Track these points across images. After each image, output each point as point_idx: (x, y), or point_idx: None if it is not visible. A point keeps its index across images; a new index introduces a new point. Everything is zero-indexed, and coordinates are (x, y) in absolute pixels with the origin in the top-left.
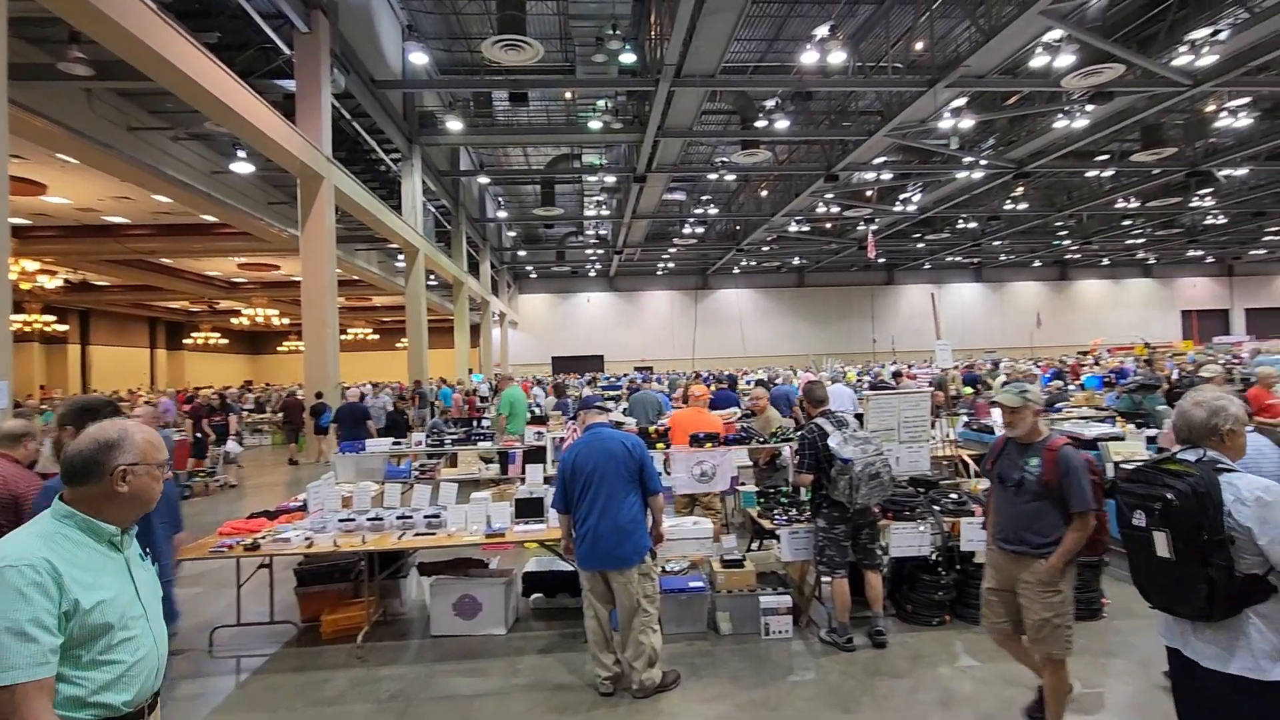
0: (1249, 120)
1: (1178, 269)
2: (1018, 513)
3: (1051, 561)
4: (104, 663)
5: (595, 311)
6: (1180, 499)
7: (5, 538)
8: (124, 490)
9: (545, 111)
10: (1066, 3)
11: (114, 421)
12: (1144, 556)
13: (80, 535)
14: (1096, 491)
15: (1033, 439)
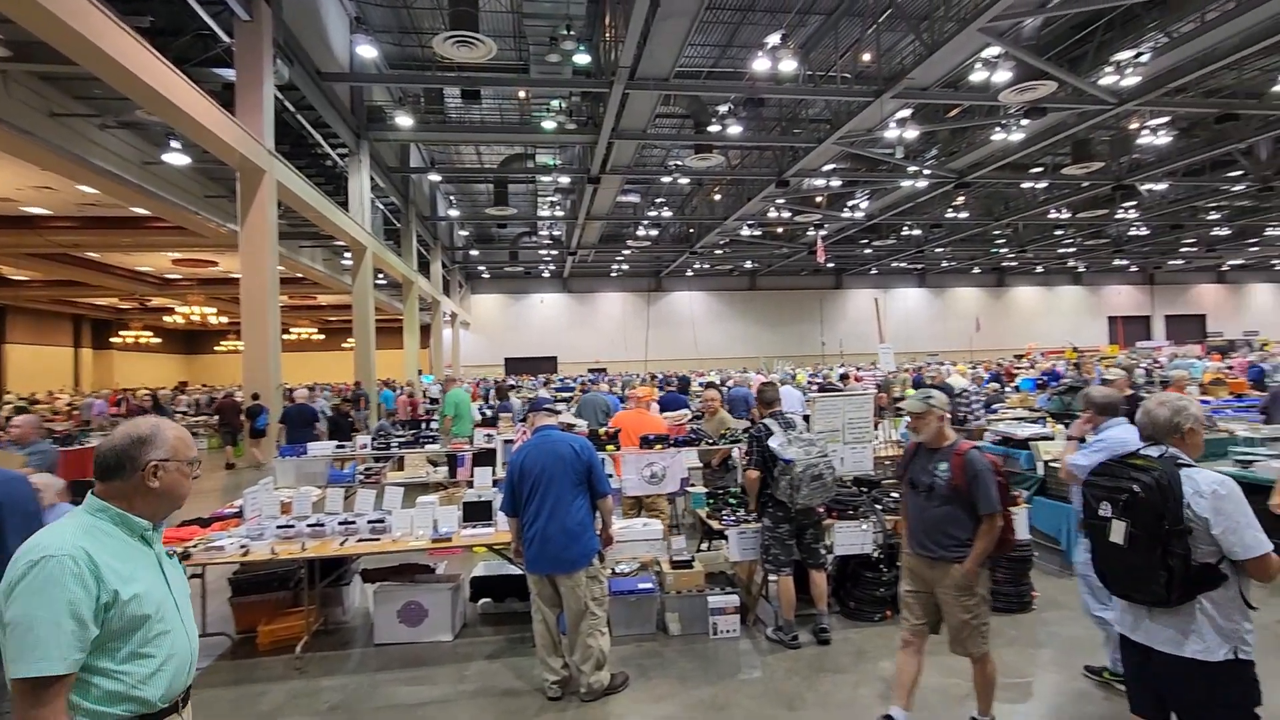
0: (1168, 138)
1: (1105, 277)
2: (930, 518)
3: (966, 565)
4: (141, 656)
5: (549, 313)
6: (1145, 491)
7: (43, 529)
8: (155, 485)
9: (498, 110)
10: (1003, 21)
11: (146, 418)
12: (1105, 547)
13: (114, 529)
14: (1002, 493)
15: (940, 444)
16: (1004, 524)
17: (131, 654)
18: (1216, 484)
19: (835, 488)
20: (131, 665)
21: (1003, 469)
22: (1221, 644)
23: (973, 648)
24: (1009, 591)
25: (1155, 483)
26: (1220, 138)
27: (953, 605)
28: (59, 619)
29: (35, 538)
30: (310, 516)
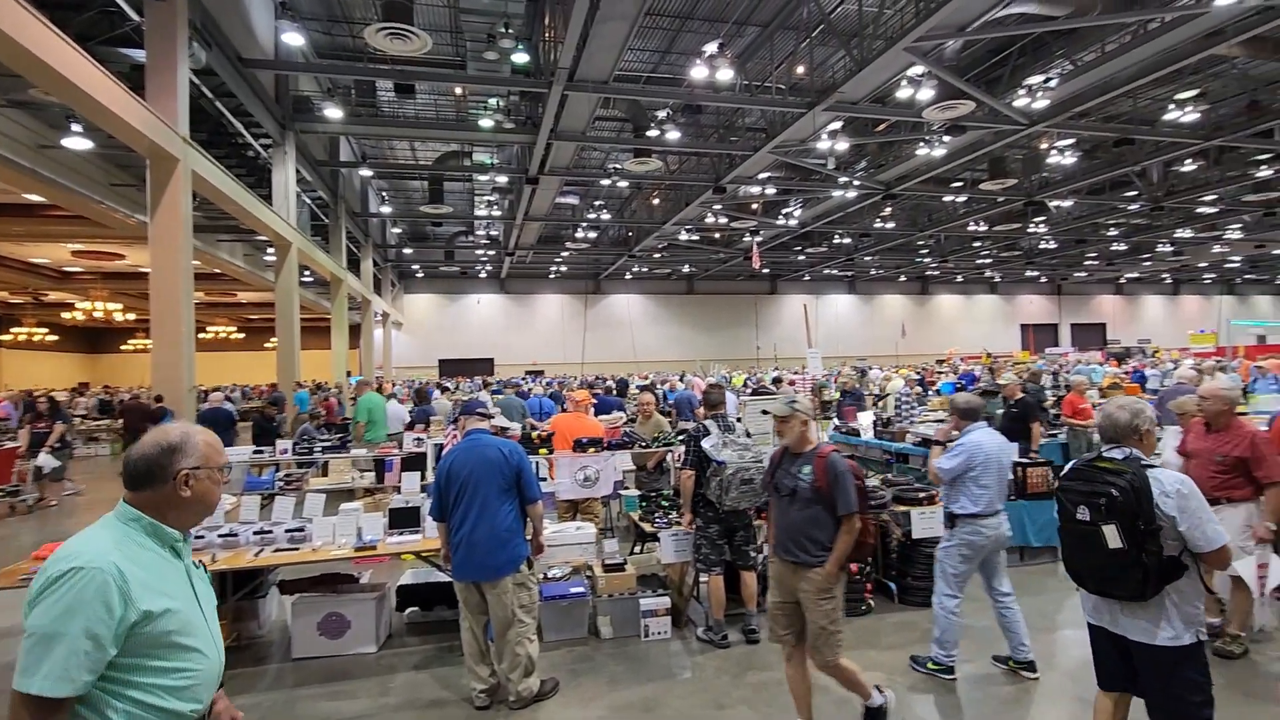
0: (1073, 159)
1: (1018, 287)
2: (793, 522)
3: (827, 567)
4: (172, 670)
5: (486, 313)
6: (1122, 494)
7: (80, 536)
8: (187, 495)
9: (434, 105)
10: (927, 42)
11: (176, 424)
12: (1083, 548)
13: (146, 539)
14: (861, 496)
15: (803, 448)
16: (862, 526)
17: (163, 668)
18: (1179, 484)
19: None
20: (163, 679)
21: (862, 474)
22: (1186, 629)
23: (829, 654)
24: (927, 587)
25: (1130, 485)
26: (1118, 160)
27: (812, 609)
28: (76, 639)
29: (70, 544)
30: (222, 526)
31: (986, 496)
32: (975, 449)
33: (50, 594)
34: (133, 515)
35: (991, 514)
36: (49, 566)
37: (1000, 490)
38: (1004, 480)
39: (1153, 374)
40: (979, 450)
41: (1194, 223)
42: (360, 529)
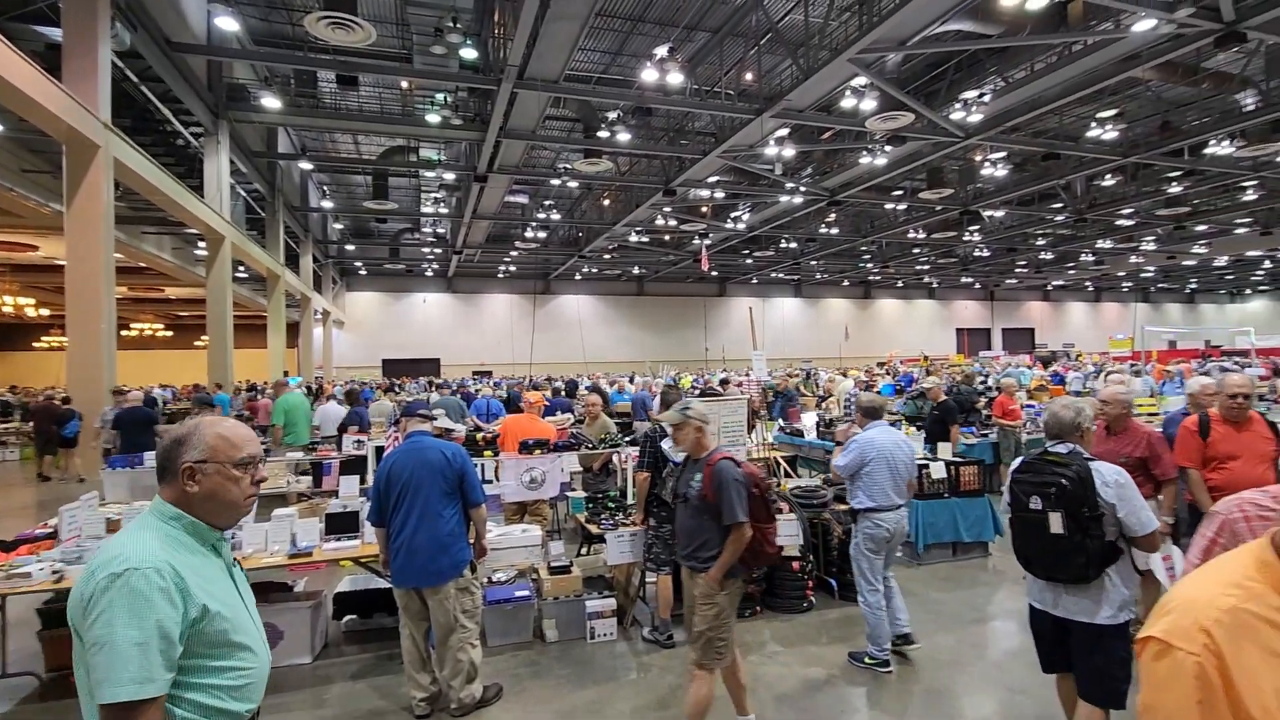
0: (1005, 171)
1: (954, 293)
2: (687, 528)
3: (710, 573)
4: (227, 669)
5: (432, 313)
6: (1070, 484)
7: (121, 538)
8: (194, 490)
9: (378, 98)
10: (870, 54)
11: (199, 417)
12: (1034, 535)
13: (187, 538)
14: (757, 505)
15: (698, 454)
16: (760, 536)
17: (219, 667)
18: (1117, 474)
19: None
20: (219, 678)
21: (763, 482)
22: (1121, 610)
23: (705, 659)
24: None
25: (1076, 476)
26: (1045, 174)
27: (696, 612)
28: (148, 638)
29: (115, 546)
30: None
31: (881, 491)
32: (868, 445)
33: (107, 599)
34: (173, 514)
35: (889, 508)
36: (97, 571)
37: (895, 485)
38: (899, 476)
39: (1075, 376)
40: (870, 446)
41: (1113, 234)
42: (295, 535)
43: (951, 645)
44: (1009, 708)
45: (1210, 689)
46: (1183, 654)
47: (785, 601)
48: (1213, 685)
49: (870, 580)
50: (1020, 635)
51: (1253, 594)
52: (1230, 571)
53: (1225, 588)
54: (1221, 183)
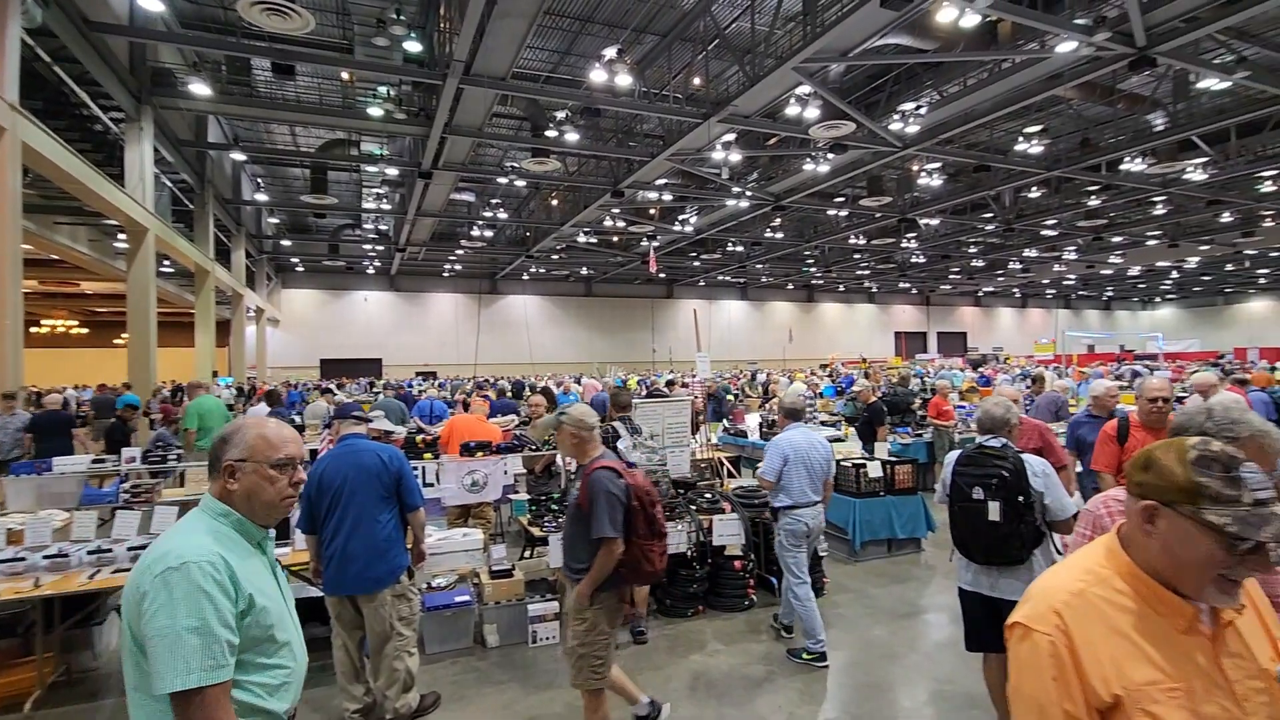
0: (940, 181)
1: (892, 297)
2: (566, 537)
3: (579, 588)
4: (269, 667)
5: (374, 311)
6: (1010, 474)
7: (174, 534)
8: (234, 487)
9: (318, 89)
10: (813, 64)
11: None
12: (975, 522)
13: (235, 535)
14: (638, 520)
15: (581, 461)
16: (640, 552)
17: (261, 665)
18: (1043, 466)
19: (668, 494)
20: (261, 675)
21: (646, 494)
22: None
23: (579, 680)
24: None
25: (1013, 467)
26: (977, 185)
27: (568, 627)
28: (209, 627)
29: (167, 542)
30: (50, 546)
31: (799, 489)
32: (786, 446)
33: (166, 593)
34: (221, 510)
35: (806, 504)
36: (153, 566)
37: (812, 483)
38: (815, 474)
39: (1004, 378)
40: (789, 447)
41: (1038, 244)
42: None
43: (885, 639)
44: (940, 696)
45: (1062, 665)
46: (1039, 635)
47: (727, 600)
48: (1064, 662)
49: (798, 575)
50: (950, 627)
51: (1100, 579)
52: (1084, 560)
53: (1078, 574)
54: (1134, 197)
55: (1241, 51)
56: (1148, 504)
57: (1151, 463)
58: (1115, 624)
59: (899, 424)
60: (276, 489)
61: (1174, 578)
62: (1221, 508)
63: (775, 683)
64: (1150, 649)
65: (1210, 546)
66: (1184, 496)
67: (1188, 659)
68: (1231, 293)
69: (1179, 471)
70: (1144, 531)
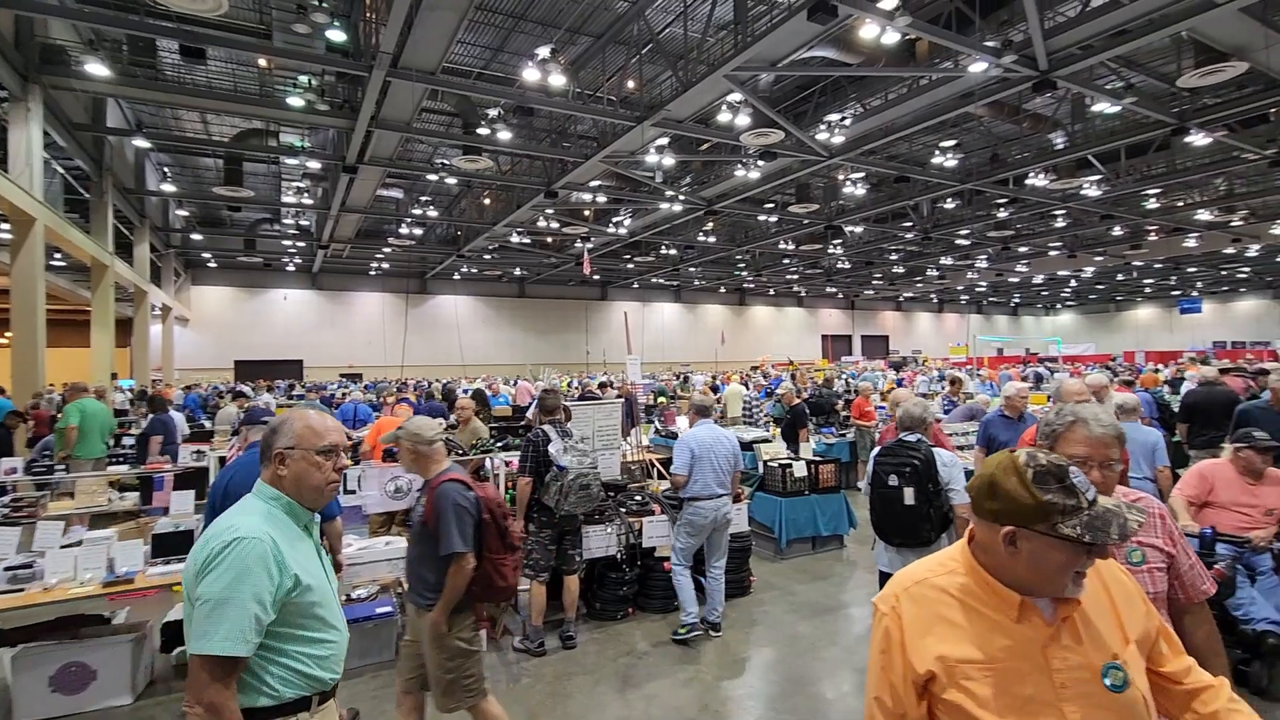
0: (863, 190)
1: (819, 301)
2: (410, 558)
3: (432, 616)
4: (317, 640)
5: (294, 311)
6: (921, 464)
7: (233, 512)
8: (284, 473)
9: (232, 75)
10: (744, 72)
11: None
12: (891, 507)
13: (285, 517)
14: (490, 534)
15: (424, 476)
16: (492, 568)
17: (310, 638)
18: (951, 458)
19: (600, 498)
20: (310, 648)
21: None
22: None
23: (452, 703)
24: (732, 579)
25: (924, 458)
26: (897, 195)
27: (428, 655)
28: (247, 603)
29: (227, 518)
30: None
31: (702, 483)
32: (692, 442)
33: (218, 564)
34: (272, 494)
35: (709, 497)
36: (210, 540)
37: (716, 477)
38: (720, 469)
39: (922, 380)
40: (695, 442)
41: (953, 252)
42: (112, 560)
43: (809, 634)
44: (862, 686)
45: (889, 641)
46: (879, 614)
47: (658, 601)
48: (892, 639)
49: (680, 559)
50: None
51: (947, 570)
52: (944, 554)
53: (932, 565)
54: (1038, 211)
55: (1130, 79)
56: (1007, 530)
57: (997, 489)
58: (946, 609)
59: (824, 424)
60: (323, 474)
61: (1039, 587)
62: (1070, 518)
63: (703, 682)
64: (975, 633)
65: (1068, 554)
66: (1037, 516)
67: (1015, 645)
68: (1122, 300)
69: (1025, 493)
70: (1008, 554)
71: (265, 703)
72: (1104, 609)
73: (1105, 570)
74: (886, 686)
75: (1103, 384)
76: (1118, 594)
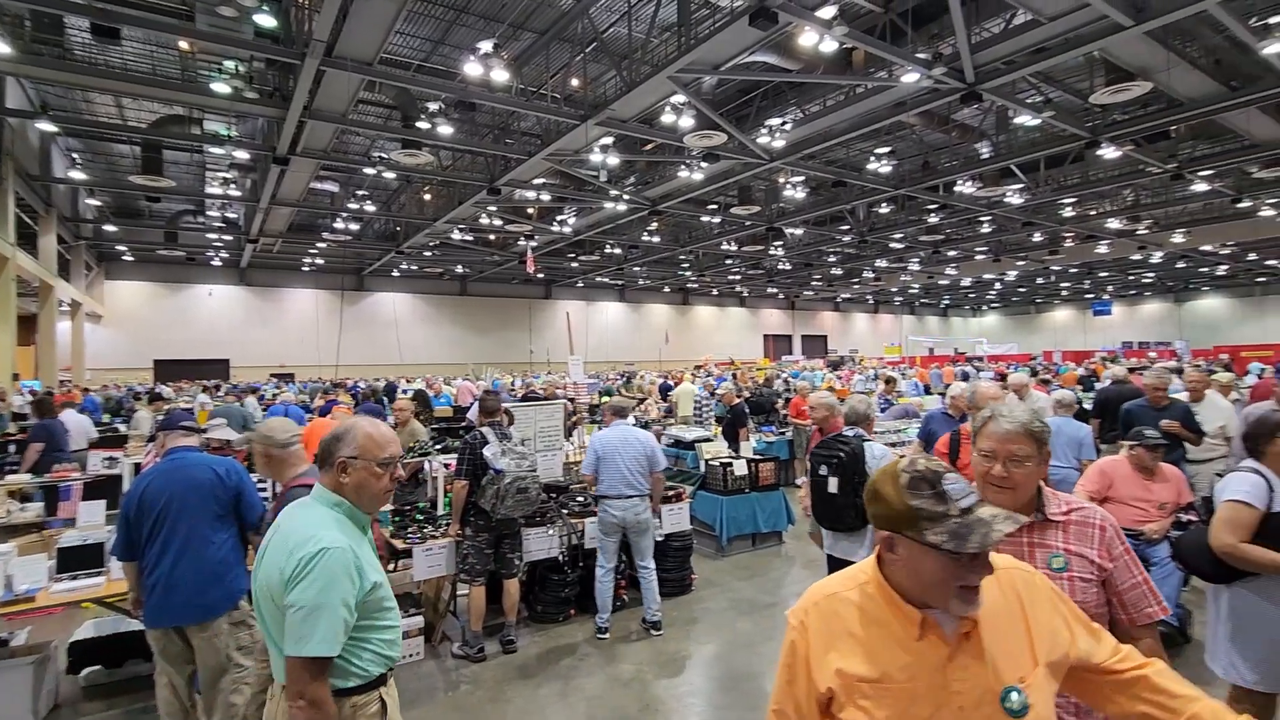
0: (803, 193)
1: (761, 302)
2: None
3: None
4: (386, 628)
5: (220, 307)
6: (847, 456)
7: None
8: (346, 480)
9: (150, 57)
10: (688, 74)
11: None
12: (821, 495)
13: (348, 522)
14: None
15: (280, 480)
16: None
17: (382, 625)
18: (884, 451)
19: (539, 501)
20: (383, 634)
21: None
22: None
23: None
24: (673, 578)
25: (852, 451)
26: (835, 199)
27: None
28: (338, 608)
29: (305, 529)
30: None
31: (610, 483)
32: (599, 443)
33: (308, 573)
34: (334, 500)
35: (616, 497)
36: (296, 549)
37: (624, 478)
38: (630, 469)
39: (859, 379)
40: (600, 443)
41: (888, 255)
42: (10, 577)
43: (749, 630)
44: None
45: (794, 655)
46: (790, 627)
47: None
48: (797, 653)
49: (601, 560)
50: None
51: (858, 584)
52: (858, 567)
53: (844, 579)
54: (966, 216)
55: (1048, 94)
56: (884, 535)
57: (877, 494)
58: (851, 625)
59: (764, 423)
60: (381, 484)
61: (924, 596)
62: (936, 525)
63: (644, 681)
64: (876, 650)
65: (939, 562)
66: (907, 522)
67: (914, 663)
68: (1041, 302)
69: (897, 499)
70: (889, 561)
71: (355, 683)
72: (1015, 628)
73: (1025, 588)
74: (790, 701)
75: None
76: (1036, 614)
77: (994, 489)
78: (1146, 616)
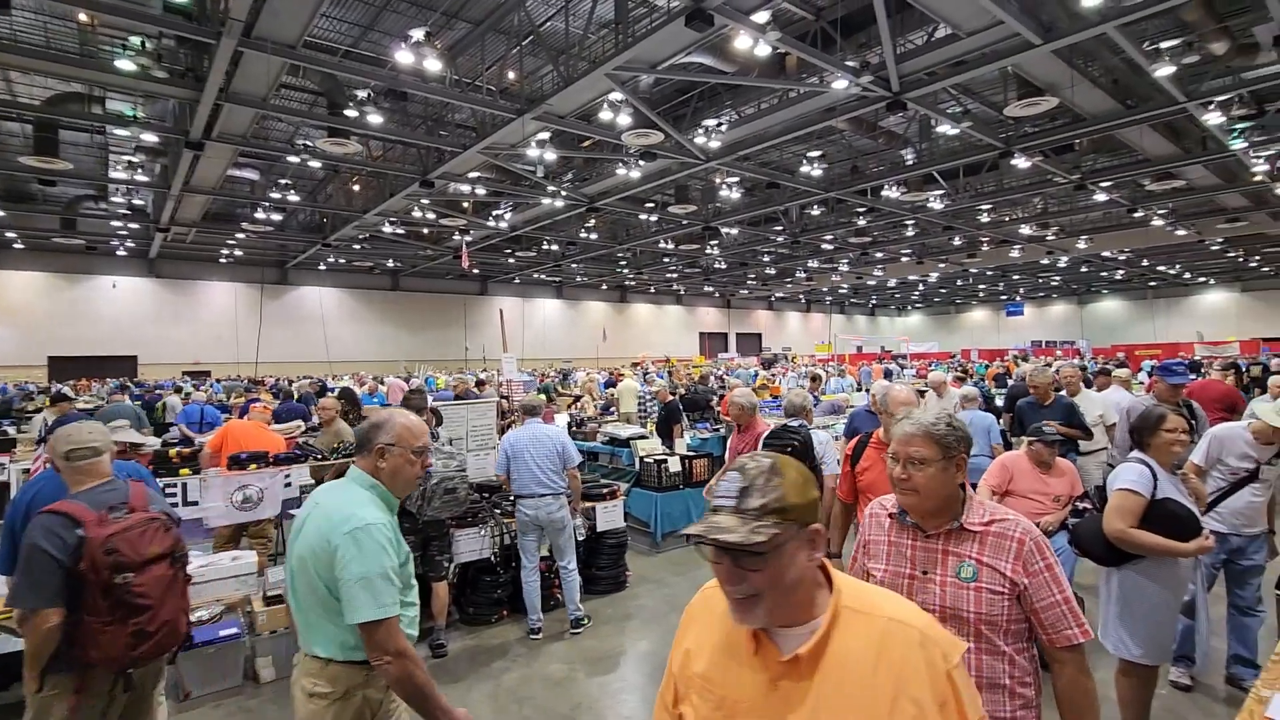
0: (738, 194)
1: (697, 300)
2: None
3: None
4: (409, 604)
5: (126, 301)
6: (800, 443)
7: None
8: (383, 465)
9: (44, 30)
10: (625, 72)
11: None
12: None
13: (381, 502)
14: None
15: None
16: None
17: (407, 602)
18: (824, 437)
19: (468, 501)
20: (408, 610)
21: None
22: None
23: None
24: (608, 575)
25: (803, 440)
26: (769, 200)
27: None
28: (387, 574)
29: (345, 506)
30: None
31: (522, 481)
32: (506, 442)
33: (358, 549)
34: (370, 483)
35: (528, 495)
36: (340, 525)
37: (535, 476)
38: (541, 468)
39: (792, 375)
40: (508, 442)
41: (819, 255)
42: None
43: None
44: None
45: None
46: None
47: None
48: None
49: (524, 560)
50: None
51: None
52: None
53: None
54: (892, 220)
55: (967, 105)
56: None
57: None
58: (713, 620)
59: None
60: (414, 470)
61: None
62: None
63: (576, 680)
64: (719, 653)
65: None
66: None
67: (744, 674)
68: (961, 303)
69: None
70: None
71: None
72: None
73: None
74: (670, 688)
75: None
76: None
77: (900, 491)
78: (1065, 639)
